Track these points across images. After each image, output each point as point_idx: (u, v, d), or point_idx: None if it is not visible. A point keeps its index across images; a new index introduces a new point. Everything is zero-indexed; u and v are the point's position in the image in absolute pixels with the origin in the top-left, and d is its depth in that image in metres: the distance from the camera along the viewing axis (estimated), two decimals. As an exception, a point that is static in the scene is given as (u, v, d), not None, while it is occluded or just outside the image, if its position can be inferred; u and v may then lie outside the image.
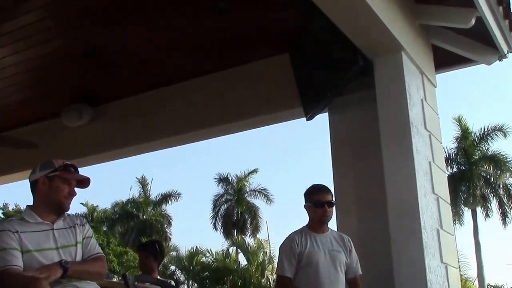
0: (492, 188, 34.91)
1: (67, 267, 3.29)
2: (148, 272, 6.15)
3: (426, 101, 5.98)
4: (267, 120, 7.77)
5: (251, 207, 40.60)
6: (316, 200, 4.61)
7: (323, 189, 4.67)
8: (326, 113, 6.76)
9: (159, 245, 6.54)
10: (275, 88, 7.20)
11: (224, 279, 35.92)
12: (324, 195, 4.62)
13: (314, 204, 4.61)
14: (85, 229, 3.63)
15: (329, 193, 4.66)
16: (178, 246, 40.24)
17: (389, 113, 5.63)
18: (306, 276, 4.49)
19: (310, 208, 4.66)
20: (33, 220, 3.46)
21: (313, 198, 4.63)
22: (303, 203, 4.79)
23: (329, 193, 4.65)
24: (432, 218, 5.49)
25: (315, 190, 4.68)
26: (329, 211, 4.60)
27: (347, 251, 4.63)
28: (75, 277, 3.37)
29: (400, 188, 5.42)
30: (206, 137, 8.67)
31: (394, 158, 5.50)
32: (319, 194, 4.62)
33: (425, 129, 5.81)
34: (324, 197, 4.61)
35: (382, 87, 5.71)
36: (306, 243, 4.55)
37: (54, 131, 8.61)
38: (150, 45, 7.05)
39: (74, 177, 3.57)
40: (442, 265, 5.48)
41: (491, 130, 34.57)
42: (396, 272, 5.20)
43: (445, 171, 6.39)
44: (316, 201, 4.60)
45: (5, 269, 3.21)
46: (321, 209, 4.58)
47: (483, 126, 35.23)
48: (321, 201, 4.58)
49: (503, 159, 34.74)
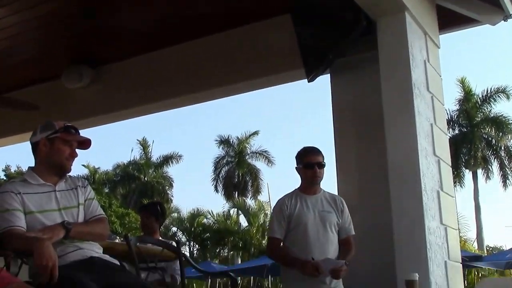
0: (493, 150, 34.95)
1: (69, 228, 3.31)
2: (150, 233, 6.20)
3: (429, 62, 5.94)
4: (268, 81, 7.75)
5: (252, 169, 40.70)
6: (306, 161, 4.65)
7: (313, 151, 4.70)
8: (328, 75, 6.73)
9: (161, 207, 6.58)
10: (277, 49, 7.15)
11: (225, 240, 36.22)
12: (314, 157, 4.65)
13: (304, 165, 4.65)
14: (87, 191, 3.65)
15: (319, 154, 4.68)
16: (179, 208, 40.52)
17: (391, 74, 5.60)
18: (296, 237, 4.55)
19: (301, 169, 4.70)
20: (35, 182, 3.48)
21: (304, 159, 4.67)
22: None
23: (319, 155, 4.67)
24: (432, 180, 5.51)
25: (306, 152, 4.71)
26: (319, 172, 4.63)
27: (338, 212, 4.66)
28: (77, 238, 3.39)
29: (401, 150, 5.42)
30: (207, 99, 8.65)
31: (395, 119, 5.49)
32: (309, 156, 4.66)
33: (427, 91, 5.79)
34: (314, 158, 4.64)
35: (384, 48, 5.67)
36: (296, 205, 4.61)
37: (54, 93, 8.58)
38: (151, 6, 6.98)
39: (75, 139, 3.57)
40: (442, 227, 5.52)
41: (494, 92, 34.45)
42: (396, 233, 5.23)
43: (446, 133, 6.38)
44: (307, 162, 4.64)
45: (8, 229, 3.24)
46: (311, 170, 4.62)
47: (486, 88, 35.17)
48: (311, 162, 4.62)
49: (505, 121, 34.72)
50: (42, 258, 2.96)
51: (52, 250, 3.04)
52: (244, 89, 8.11)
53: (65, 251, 3.32)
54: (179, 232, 37.92)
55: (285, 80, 7.76)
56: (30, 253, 3.06)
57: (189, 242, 37.88)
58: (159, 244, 5.13)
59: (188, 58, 7.81)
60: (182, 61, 7.85)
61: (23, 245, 3.14)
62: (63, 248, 3.31)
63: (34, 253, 2.99)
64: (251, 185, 40.33)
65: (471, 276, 26.15)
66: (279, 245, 4.62)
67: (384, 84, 5.58)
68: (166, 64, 7.95)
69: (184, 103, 8.70)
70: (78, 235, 3.39)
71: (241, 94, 8.75)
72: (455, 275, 5.61)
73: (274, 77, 7.50)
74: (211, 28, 7.51)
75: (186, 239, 37.39)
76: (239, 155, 40.70)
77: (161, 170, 42.74)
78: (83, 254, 3.38)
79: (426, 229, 5.15)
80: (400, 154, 5.42)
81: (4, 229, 3.24)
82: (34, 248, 3.01)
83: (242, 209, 37.44)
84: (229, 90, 8.02)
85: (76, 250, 3.37)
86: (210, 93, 8.04)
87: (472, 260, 18.32)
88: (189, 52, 7.81)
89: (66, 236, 3.30)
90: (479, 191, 34.94)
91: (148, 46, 7.98)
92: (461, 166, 34.04)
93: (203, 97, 8.27)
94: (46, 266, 2.96)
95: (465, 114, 35.27)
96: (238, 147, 40.87)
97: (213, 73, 7.65)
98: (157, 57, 8.04)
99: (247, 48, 7.42)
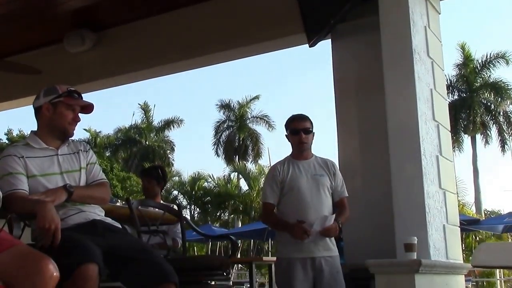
0: (492, 116, 34.85)
1: (71, 191, 3.32)
2: (151, 197, 6.22)
3: (429, 28, 5.91)
4: (270, 46, 7.74)
5: (252, 133, 40.61)
6: (292, 127, 4.69)
7: (299, 117, 4.74)
8: (329, 40, 6.70)
9: (162, 170, 6.58)
10: (278, 14, 7.11)
11: (226, 203, 36.35)
12: (300, 123, 4.68)
13: (291, 131, 4.70)
14: (89, 155, 3.64)
15: (306, 120, 4.71)
16: (180, 172, 40.56)
17: (392, 40, 5.58)
18: (290, 200, 4.58)
19: (289, 136, 4.75)
20: (37, 146, 3.48)
21: (290, 126, 4.72)
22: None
23: (305, 121, 4.70)
24: (432, 145, 5.52)
25: (292, 119, 4.75)
26: (305, 137, 4.66)
27: (331, 175, 4.68)
28: (79, 201, 3.41)
29: (401, 114, 5.43)
30: (208, 63, 8.66)
31: (395, 84, 5.49)
32: (295, 122, 4.70)
33: (427, 56, 5.77)
34: (300, 125, 4.67)
35: (385, 14, 5.64)
36: (288, 170, 4.64)
37: (56, 57, 8.54)
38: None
39: (78, 103, 3.55)
40: (441, 191, 5.54)
41: (493, 57, 34.21)
42: (395, 197, 5.26)
43: (446, 98, 6.38)
44: (293, 128, 4.69)
45: (11, 192, 3.25)
46: (297, 136, 4.65)
47: (486, 53, 34.93)
48: (297, 128, 4.65)
49: (504, 86, 34.53)
50: (44, 221, 2.98)
51: (55, 212, 3.05)
52: (245, 53, 8.10)
53: (67, 214, 3.34)
54: (180, 196, 38.06)
55: (287, 44, 7.76)
56: (32, 216, 3.07)
57: (190, 205, 38.04)
58: (161, 208, 5.14)
59: (189, 23, 7.77)
60: (184, 26, 7.80)
61: (26, 208, 3.14)
62: (65, 211, 3.33)
63: (37, 216, 3.01)
64: (251, 149, 40.29)
65: (469, 239, 26.34)
66: (273, 210, 4.66)
67: (384, 49, 5.56)
68: (167, 29, 7.91)
69: (185, 68, 8.70)
70: (80, 198, 3.40)
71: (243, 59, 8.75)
72: (453, 238, 5.66)
73: (276, 41, 7.48)
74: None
75: (187, 203, 37.54)
76: (240, 120, 40.58)
77: (162, 134, 42.65)
78: (85, 217, 3.39)
79: (425, 193, 5.18)
80: (400, 118, 5.43)
81: (7, 192, 3.24)
82: (37, 211, 3.02)
83: (243, 173, 37.46)
84: (230, 54, 8.01)
85: (78, 213, 3.39)
86: (212, 57, 8.03)
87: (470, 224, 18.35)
88: (190, 17, 7.76)
89: (68, 199, 3.32)
90: (477, 156, 34.95)
91: (150, 11, 7.93)
92: (460, 131, 33.98)
93: (205, 61, 8.27)
94: (48, 229, 2.97)
95: (464, 79, 35.12)
96: (239, 112, 40.72)
97: (214, 38, 7.62)
98: (158, 22, 8.00)
99: (248, 13, 7.37)
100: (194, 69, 8.88)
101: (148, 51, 8.06)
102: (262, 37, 7.37)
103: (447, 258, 5.40)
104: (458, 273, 5.60)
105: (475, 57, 34.91)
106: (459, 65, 35.03)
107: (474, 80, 34.92)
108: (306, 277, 4.46)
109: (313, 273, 4.47)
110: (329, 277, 4.48)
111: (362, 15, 6.20)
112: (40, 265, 2.69)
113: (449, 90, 33.26)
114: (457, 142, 33.55)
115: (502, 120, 34.78)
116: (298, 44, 7.44)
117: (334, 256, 4.57)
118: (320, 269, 4.47)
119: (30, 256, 2.77)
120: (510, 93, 34.60)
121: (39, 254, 2.79)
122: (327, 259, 4.51)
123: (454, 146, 31.39)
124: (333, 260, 4.55)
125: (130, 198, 4.79)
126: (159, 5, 7.79)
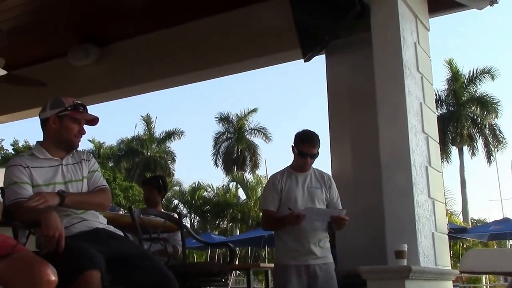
0: (478, 128, 34.97)
1: (64, 195, 3.29)
2: (152, 206, 6.20)
3: (419, 44, 5.94)
4: (266, 61, 7.77)
5: (250, 145, 40.63)
6: (301, 150, 4.63)
7: (310, 141, 4.65)
8: (324, 55, 6.71)
9: (163, 180, 6.58)
10: (274, 30, 7.12)
11: (224, 212, 36.32)
12: (310, 148, 4.62)
13: (299, 152, 4.64)
14: (91, 163, 3.62)
15: (315, 146, 4.64)
16: (181, 182, 40.47)
17: (383, 56, 5.60)
18: (286, 211, 4.54)
19: (295, 152, 4.70)
20: (43, 156, 3.47)
21: (299, 147, 4.64)
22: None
23: (315, 146, 4.64)
24: (421, 156, 5.52)
25: (303, 141, 4.66)
26: (310, 161, 4.65)
27: (326, 188, 4.69)
28: (74, 207, 3.37)
29: (392, 127, 5.43)
30: (208, 78, 8.70)
31: (387, 98, 5.50)
32: (306, 146, 4.62)
33: (417, 71, 5.78)
34: (309, 150, 4.62)
35: (377, 31, 5.66)
36: (286, 181, 4.64)
37: (61, 70, 8.55)
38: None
39: (83, 117, 3.54)
40: (430, 200, 5.54)
41: (479, 72, 34.38)
42: (386, 206, 5.25)
43: (435, 112, 6.39)
44: (301, 151, 4.63)
45: (16, 201, 3.25)
46: (303, 159, 4.63)
47: (472, 69, 35.09)
48: (306, 153, 4.61)
49: (489, 100, 34.70)
50: (49, 228, 2.96)
51: (59, 220, 3.03)
52: (242, 68, 8.13)
53: (71, 223, 3.32)
54: (180, 205, 37.95)
55: (283, 59, 7.78)
56: (37, 224, 3.05)
57: (190, 214, 37.93)
58: (162, 216, 5.13)
59: (190, 38, 7.79)
60: (184, 41, 7.82)
61: (31, 216, 3.12)
62: (69, 220, 3.31)
63: (42, 224, 2.98)
64: (249, 160, 40.29)
65: (457, 247, 26.31)
66: (273, 215, 4.64)
67: (376, 64, 5.57)
68: (169, 43, 7.92)
69: (185, 81, 8.73)
70: (74, 203, 3.36)
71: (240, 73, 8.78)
72: (441, 246, 5.65)
73: (272, 56, 7.50)
74: (212, 10, 7.48)
75: (187, 211, 37.42)
76: (238, 132, 40.60)
77: (163, 145, 42.66)
78: (88, 225, 3.38)
79: (415, 202, 5.17)
80: (391, 131, 5.43)
81: (12, 201, 3.24)
82: (42, 219, 3.00)
83: (241, 183, 37.42)
84: (228, 69, 8.03)
85: (81, 221, 3.37)
86: (211, 72, 8.07)
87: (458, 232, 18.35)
88: (190, 32, 7.79)
89: (62, 204, 3.27)
90: (464, 166, 35.02)
91: (152, 26, 7.95)
92: (448, 143, 34.04)
93: (204, 75, 8.30)
94: (53, 236, 2.95)
95: (452, 93, 35.24)
96: (238, 124, 40.77)
97: (213, 53, 7.64)
98: (160, 37, 8.02)
99: (246, 29, 7.38)
100: (194, 82, 8.89)
101: (150, 65, 8.07)
102: (259, 52, 7.40)
103: (436, 265, 5.39)
104: (447, 279, 5.58)
105: (463, 72, 35.09)
106: (448, 80, 35.17)
107: (462, 94, 35.06)
108: (301, 282, 4.47)
109: (307, 279, 4.48)
110: (323, 282, 4.49)
111: (355, 32, 6.21)
112: (38, 269, 2.64)
113: (438, 104, 33.35)
114: (445, 153, 33.63)
115: (488, 133, 34.90)
116: (294, 59, 7.46)
117: (328, 263, 4.58)
118: (315, 275, 4.48)
119: (28, 261, 2.73)
120: (495, 107, 34.75)
121: (37, 259, 2.75)
122: (321, 266, 4.52)
123: (443, 157, 31.46)
124: (327, 267, 4.56)
125: (133, 207, 4.78)
126: (160, 21, 7.80)
